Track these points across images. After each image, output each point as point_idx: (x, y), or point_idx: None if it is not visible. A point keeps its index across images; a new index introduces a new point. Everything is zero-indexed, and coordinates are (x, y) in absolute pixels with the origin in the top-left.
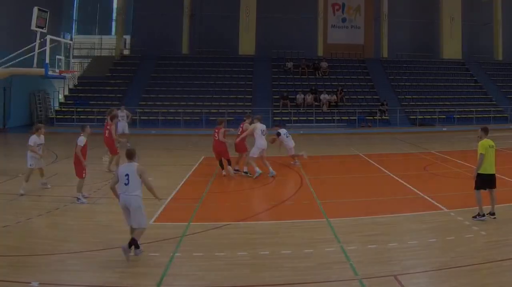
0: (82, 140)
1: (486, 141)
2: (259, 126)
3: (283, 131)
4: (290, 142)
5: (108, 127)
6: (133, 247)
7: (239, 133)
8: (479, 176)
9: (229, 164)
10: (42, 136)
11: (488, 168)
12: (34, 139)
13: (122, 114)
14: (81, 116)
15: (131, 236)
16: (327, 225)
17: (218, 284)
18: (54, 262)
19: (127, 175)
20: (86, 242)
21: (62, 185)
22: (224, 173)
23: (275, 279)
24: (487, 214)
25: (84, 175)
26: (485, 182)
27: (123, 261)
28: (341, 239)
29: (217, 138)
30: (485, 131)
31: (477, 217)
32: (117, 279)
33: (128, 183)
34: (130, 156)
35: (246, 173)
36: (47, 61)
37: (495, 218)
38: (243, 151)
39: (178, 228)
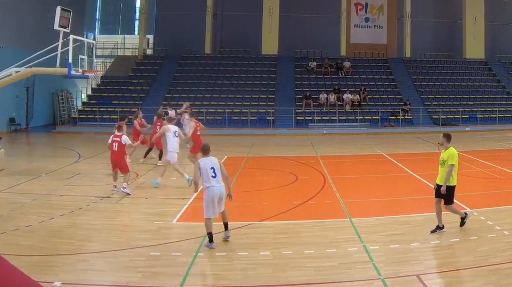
0: (126, 139)
1: (455, 150)
2: (172, 128)
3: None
4: None
5: (158, 123)
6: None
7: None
8: (449, 188)
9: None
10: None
11: (455, 179)
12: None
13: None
14: (104, 116)
15: (224, 222)
16: (350, 225)
17: (240, 284)
18: (77, 262)
19: (212, 168)
20: (109, 242)
21: (85, 185)
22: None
23: (298, 279)
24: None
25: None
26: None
27: (146, 260)
28: (364, 238)
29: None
30: (449, 138)
31: (437, 230)
32: (140, 279)
33: (215, 175)
34: (207, 150)
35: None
36: (70, 60)
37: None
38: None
39: (201, 227)
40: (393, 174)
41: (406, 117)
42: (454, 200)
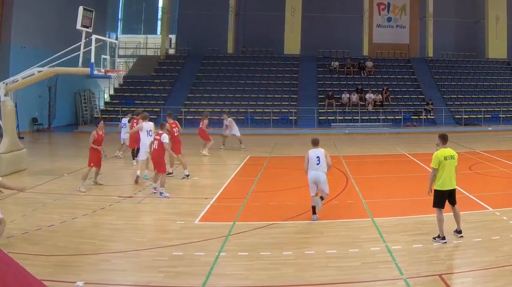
0: (166, 137)
1: (441, 152)
2: (146, 126)
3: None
4: None
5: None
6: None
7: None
8: (435, 192)
9: None
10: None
11: (447, 182)
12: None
13: (226, 123)
14: (127, 116)
15: (320, 196)
16: (372, 225)
17: (263, 284)
18: (99, 262)
19: (318, 157)
20: (131, 242)
21: (107, 184)
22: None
23: (320, 279)
24: (454, 232)
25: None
26: (443, 199)
27: (168, 260)
28: (386, 238)
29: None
30: (443, 139)
31: (437, 238)
32: (162, 278)
33: (319, 163)
34: (316, 143)
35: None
36: (93, 60)
37: (462, 236)
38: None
39: (223, 227)
40: (415, 174)
41: (428, 117)
42: (482, 203)
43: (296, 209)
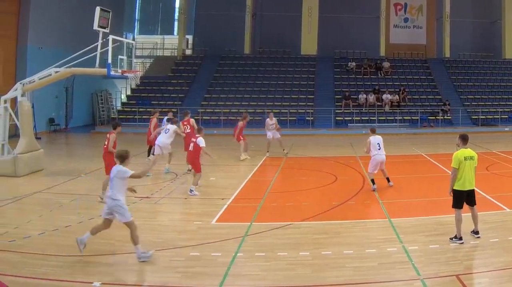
0: (202, 141)
1: (461, 152)
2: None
3: None
4: None
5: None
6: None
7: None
8: (454, 192)
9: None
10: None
11: (467, 183)
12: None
13: (272, 122)
14: (144, 116)
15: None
16: (389, 225)
17: (280, 284)
18: (116, 262)
19: (378, 143)
20: (148, 242)
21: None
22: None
23: (337, 279)
24: (471, 232)
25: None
26: (461, 199)
27: (185, 261)
28: (403, 239)
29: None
30: (464, 139)
31: (454, 239)
32: (179, 279)
33: (380, 148)
34: (374, 131)
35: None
36: (109, 61)
37: (479, 237)
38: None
39: (240, 227)
40: (432, 174)
41: (445, 117)
42: (499, 203)
43: (313, 210)
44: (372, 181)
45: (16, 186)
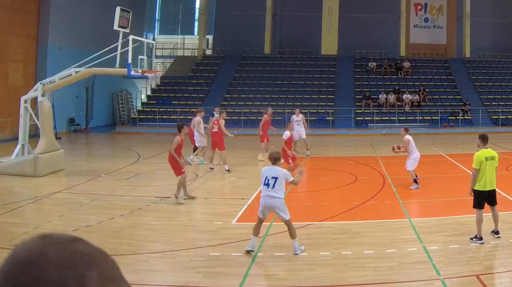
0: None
1: (482, 153)
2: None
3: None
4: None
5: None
6: None
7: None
8: (475, 192)
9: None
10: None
11: (488, 183)
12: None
13: (298, 118)
14: (164, 117)
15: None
16: (409, 225)
17: (300, 284)
18: (137, 262)
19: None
20: (169, 242)
21: (145, 185)
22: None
23: (357, 279)
24: (491, 232)
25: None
26: (483, 199)
27: (206, 261)
28: (423, 239)
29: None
30: (484, 139)
31: (474, 239)
32: (200, 279)
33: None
34: (407, 129)
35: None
36: (130, 61)
37: (499, 237)
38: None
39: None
40: (452, 174)
41: (465, 117)
42: None
43: (333, 210)
44: (415, 180)
45: (36, 186)
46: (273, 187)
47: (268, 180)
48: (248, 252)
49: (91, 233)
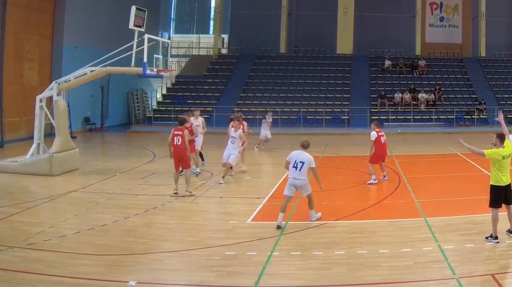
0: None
1: (501, 151)
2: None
3: None
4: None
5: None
6: None
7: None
8: (492, 188)
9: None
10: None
11: (504, 178)
12: None
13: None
14: (179, 115)
15: None
16: (424, 224)
17: (315, 283)
18: (152, 261)
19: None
20: (183, 241)
21: (160, 184)
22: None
23: (372, 278)
24: (506, 232)
25: None
26: (499, 196)
27: (221, 260)
28: (438, 238)
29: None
30: (501, 138)
31: (490, 238)
32: (215, 278)
33: None
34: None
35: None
36: (145, 60)
37: None
38: None
39: (275, 227)
40: (468, 174)
41: (481, 116)
42: None
43: (348, 209)
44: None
45: (51, 185)
46: (300, 170)
47: (297, 163)
48: (278, 227)
49: (106, 232)
